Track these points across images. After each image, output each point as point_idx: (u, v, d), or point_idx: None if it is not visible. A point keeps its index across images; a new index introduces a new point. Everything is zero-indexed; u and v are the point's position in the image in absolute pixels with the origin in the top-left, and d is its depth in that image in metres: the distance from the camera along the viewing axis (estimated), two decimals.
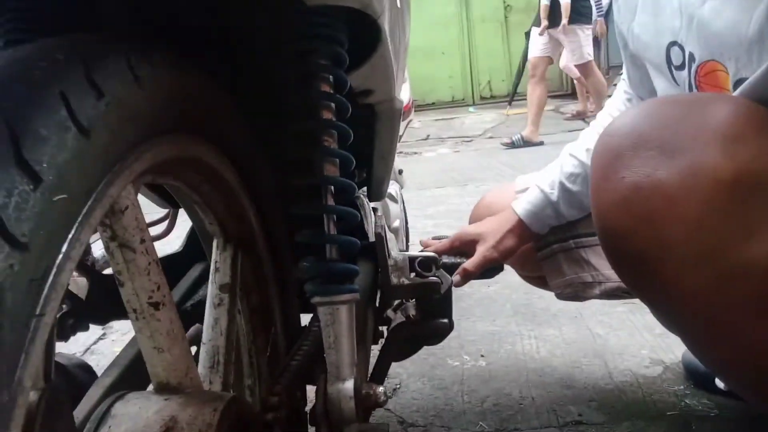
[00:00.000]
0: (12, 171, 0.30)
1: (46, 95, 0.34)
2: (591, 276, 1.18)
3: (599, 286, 1.18)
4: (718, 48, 0.79)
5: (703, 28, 0.80)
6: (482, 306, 2.02)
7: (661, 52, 0.91)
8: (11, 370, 0.29)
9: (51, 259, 0.32)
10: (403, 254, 0.79)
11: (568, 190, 1.15)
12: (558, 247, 1.21)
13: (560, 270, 1.21)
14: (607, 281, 1.17)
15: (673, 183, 0.62)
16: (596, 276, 1.18)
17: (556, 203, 1.15)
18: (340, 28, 0.60)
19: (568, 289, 1.21)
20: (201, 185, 0.67)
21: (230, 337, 0.72)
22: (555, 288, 1.22)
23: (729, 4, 0.76)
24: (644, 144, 0.65)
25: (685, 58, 0.86)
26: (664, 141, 0.64)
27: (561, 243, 1.21)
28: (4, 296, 0.28)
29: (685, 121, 0.65)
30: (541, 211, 1.16)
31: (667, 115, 0.67)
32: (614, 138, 0.68)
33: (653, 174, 0.63)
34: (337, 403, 0.58)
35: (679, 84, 0.90)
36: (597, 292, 1.19)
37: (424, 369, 1.62)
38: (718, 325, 0.68)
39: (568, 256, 1.20)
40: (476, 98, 9.00)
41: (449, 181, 4.41)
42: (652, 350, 1.61)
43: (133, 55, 0.43)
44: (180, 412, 0.55)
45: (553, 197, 1.15)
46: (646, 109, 0.70)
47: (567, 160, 1.17)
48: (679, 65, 0.88)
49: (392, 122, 0.81)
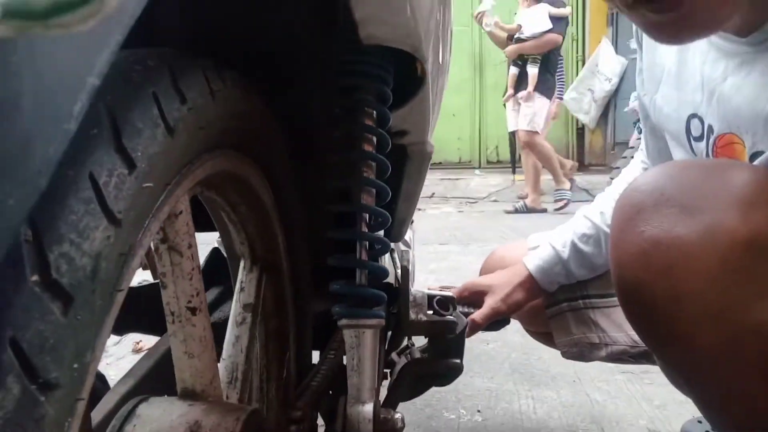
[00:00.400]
0: (113, 154, 0.33)
1: (141, 94, 0.37)
2: (598, 337, 1.20)
3: (605, 348, 1.20)
4: (735, 121, 0.83)
5: (723, 102, 0.85)
6: (480, 362, 2.01)
7: (682, 124, 0.96)
8: (94, 337, 0.32)
9: (135, 239, 0.35)
10: (423, 291, 0.81)
11: (579, 251, 1.17)
12: (567, 306, 1.23)
13: (568, 329, 1.22)
14: (613, 344, 1.19)
15: (692, 239, 0.65)
16: (603, 338, 1.20)
17: (567, 261, 1.18)
18: (388, 68, 0.64)
19: (574, 348, 1.22)
20: (239, 205, 0.70)
21: (249, 356, 0.74)
22: (561, 346, 1.23)
23: (748, 81, 0.81)
24: (666, 201, 0.68)
25: (704, 130, 0.91)
26: (685, 200, 0.67)
27: (570, 302, 1.23)
28: (99, 264, 0.30)
29: (706, 184, 0.69)
30: (551, 268, 1.19)
31: (689, 176, 0.71)
32: (636, 193, 0.71)
33: (672, 230, 0.66)
34: (356, 425, 0.59)
35: (696, 154, 0.95)
36: (603, 354, 1.21)
37: (420, 419, 1.61)
38: (732, 386, 0.69)
39: (577, 315, 1.22)
40: (483, 161, 9.13)
41: (452, 239, 4.44)
42: (650, 421, 1.60)
43: (208, 71, 0.47)
44: (204, 418, 0.56)
45: (564, 255, 1.18)
46: (669, 169, 0.74)
47: (580, 221, 1.21)
48: (698, 136, 0.93)
49: (421, 165, 0.85)
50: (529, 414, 1.65)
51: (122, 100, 0.35)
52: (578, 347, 1.22)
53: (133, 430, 0.55)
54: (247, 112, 0.56)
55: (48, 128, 0.22)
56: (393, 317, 0.90)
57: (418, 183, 0.91)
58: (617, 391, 1.77)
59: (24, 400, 0.27)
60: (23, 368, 0.27)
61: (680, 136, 0.98)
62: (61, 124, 0.23)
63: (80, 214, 0.30)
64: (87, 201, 0.30)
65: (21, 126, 0.20)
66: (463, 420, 1.62)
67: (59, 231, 0.28)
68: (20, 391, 0.27)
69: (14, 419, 0.27)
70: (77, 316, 0.30)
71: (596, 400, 1.72)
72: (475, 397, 1.75)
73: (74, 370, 0.31)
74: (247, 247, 0.77)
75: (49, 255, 0.28)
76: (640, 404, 1.69)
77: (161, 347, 0.87)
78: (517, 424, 1.59)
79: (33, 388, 0.28)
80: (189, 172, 0.45)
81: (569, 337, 1.22)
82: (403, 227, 1.00)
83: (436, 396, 1.73)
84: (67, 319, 0.29)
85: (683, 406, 1.65)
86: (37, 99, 0.21)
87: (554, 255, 1.19)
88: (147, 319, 1.00)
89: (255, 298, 0.77)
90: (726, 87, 0.84)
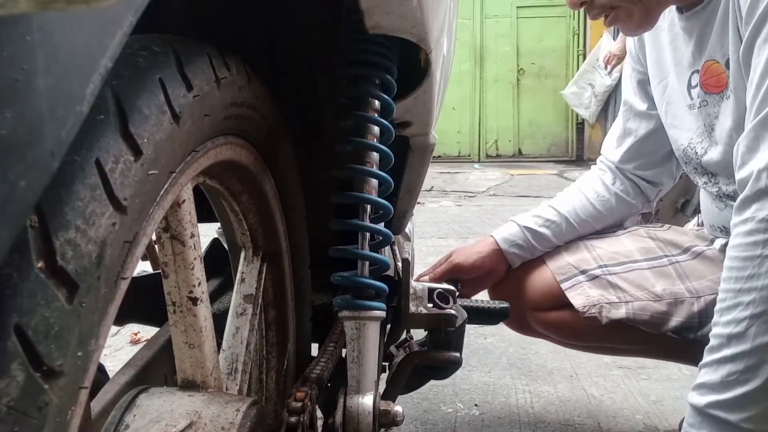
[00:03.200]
0: (119, 140, 0.32)
1: (147, 80, 0.37)
2: (617, 297, 1.25)
3: (625, 305, 1.24)
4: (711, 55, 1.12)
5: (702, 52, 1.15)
6: (478, 356, 2.02)
7: (684, 85, 1.21)
8: (97, 325, 0.31)
9: (140, 227, 0.34)
10: (423, 284, 0.81)
11: (539, 233, 1.37)
12: (584, 277, 1.28)
13: (585, 293, 1.26)
14: (634, 300, 1.24)
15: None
16: (623, 297, 1.25)
17: (528, 238, 1.37)
18: (392, 57, 0.64)
19: (593, 308, 1.24)
20: (241, 194, 0.69)
21: (249, 347, 0.73)
22: (580, 308, 1.25)
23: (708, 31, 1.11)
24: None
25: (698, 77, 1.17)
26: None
27: (586, 273, 1.29)
28: (105, 251, 0.30)
29: None
30: (514, 239, 1.38)
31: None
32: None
33: None
34: (356, 417, 0.59)
35: (693, 98, 1.18)
36: (623, 312, 1.23)
37: (417, 413, 1.62)
38: None
39: (594, 282, 1.27)
40: (482, 155, 9.12)
41: (451, 232, 4.44)
42: (647, 416, 1.61)
43: (214, 58, 0.46)
44: (204, 408, 0.56)
45: (527, 232, 1.37)
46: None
47: (546, 210, 1.41)
48: (695, 85, 1.17)
49: (424, 157, 0.84)
50: (526, 408, 1.65)
51: (129, 85, 0.35)
52: (597, 306, 1.25)
53: (134, 421, 0.54)
54: (251, 101, 0.55)
55: (61, 110, 0.21)
56: (392, 310, 0.90)
57: (420, 175, 0.90)
58: (614, 387, 1.77)
59: (28, 387, 0.27)
60: (27, 355, 0.27)
61: (680, 99, 1.22)
62: (73, 106, 0.22)
63: (86, 201, 0.29)
64: (93, 187, 0.30)
65: (34, 107, 0.20)
66: (460, 414, 1.62)
67: (65, 217, 0.28)
68: (24, 378, 0.27)
69: (18, 406, 0.26)
70: (82, 303, 0.29)
71: (593, 395, 1.72)
72: (472, 391, 1.75)
73: (78, 358, 0.30)
74: (249, 238, 0.77)
75: (54, 241, 0.27)
76: (636, 399, 1.69)
77: (161, 338, 0.86)
78: (514, 418, 1.59)
79: (37, 375, 0.27)
80: (193, 160, 0.45)
81: (588, 299, 1.25)
82: (404, 219, 1.00)
83: (434, 390, 1.73)
84: (72, 306, 0.29)
85: (679, 401, 1.66)
86: (50, 80, 0.20)
87: (518, 230, 1.38)
88: (146, 309, 0.99)
89: (255, 289, 0.76)
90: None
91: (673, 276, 1.27)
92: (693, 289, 1.25)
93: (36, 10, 0.17)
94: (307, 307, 0.91)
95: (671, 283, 1.26)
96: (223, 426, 0.55)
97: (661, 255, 1.31)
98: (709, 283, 1.24)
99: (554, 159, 8.78)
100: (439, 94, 0.78)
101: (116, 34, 0.24)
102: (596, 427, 1.54)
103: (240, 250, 0.78)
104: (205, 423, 0.55)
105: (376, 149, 0.64)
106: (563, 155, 8.82)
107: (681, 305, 1.24)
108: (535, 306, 1.35)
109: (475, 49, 8.92)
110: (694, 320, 1.24)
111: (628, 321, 1.24)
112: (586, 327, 1.27)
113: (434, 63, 0.65)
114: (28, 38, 0.19)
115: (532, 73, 8.85)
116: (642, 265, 1.29)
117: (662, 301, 1.24)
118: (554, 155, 8.87)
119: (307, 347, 0.93)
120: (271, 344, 0.85)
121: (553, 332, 1.38)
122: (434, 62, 0.65)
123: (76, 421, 0.32)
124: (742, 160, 0.94)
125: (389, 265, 0.63)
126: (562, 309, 1.29)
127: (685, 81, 1.21)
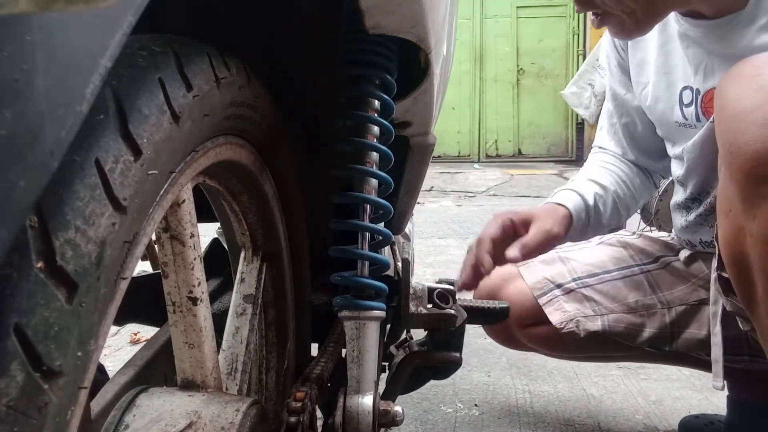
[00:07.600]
0: (119, 140, 0.32)
1: (147, 80, 0.37)
2: (592, 310, 1.27)
3: (601, 318, 1.26)
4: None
5: (707, 71, 1.09)
6: (478, 356, 2.02)
7: (674, 98, 1.16)
8: (97, 325, 0.31)
9: (139, 227, 0.34)
10: (422, 284, 0.81)
11: (596, 206, 1.30)
12: (559, 291, 1.30)
13: (562, 308, 1.28)
14: (608, 313, 1.26)
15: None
16: (598, 309, 1.27)
17: (590, 210, 1.28)
18: (392, 57, 0.64)
19: (570, 324, 1.26)
20: (241, 194, 0.69)
21: (249, 347, 0.73)
22: (557, 324, 1.27)
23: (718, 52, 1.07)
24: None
25: (693, 95, 1.12)
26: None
27: (561, 287, 1.30)
28: (104, 251, 0.30)
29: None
30: (579, 213, 1.27)
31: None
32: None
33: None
34: (355, 417, 0.59)
35: (687, 118, 1.14)
36: (599, 324, 1.26)
37: (417, 413, 1.61)
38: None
39: (570, 296, 1.29)
40: (482, 155, 9.12)
41: (450, 232, 4.44)
42: (647, 416, 1.60)
43: (214, 58, 0.46)
44: (203, 408, 0.56)
45: (589, 203, 1.28)
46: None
47: (588, 185, 1.32)
48: (689, 103, 1.13)
49: (424, 156, 0.84)
50: (526, 408, 1.65)
51: (129, 85, 0.35)
52: (574, 321, 1.27)
53: (133, 421, 0.54)
54: (251, 100, 0.55)
55: (60, 110, 0.21)
56: (392, 310, 0.89)
57: (420, 175, 0.90)
58: (614, 387, 1.77)
59: (27, 387, 0.27)
60: (27, 355, 0.27)
61: (669, 112, 1.18)
62: (73, 106, 0.22)
63: (86, 201, 0.29)
64: (93, 187, 0.30)
65: (34, 107, 0.20)
66: (460, 414, 1.62)
67: (65, 217, 0.28)
68: (24, 378, 0.27)
69: (17, 406, 0.26)
70: (81, 303, 0.29)
71: (593, 395, 1.72)
72: (472, 391, 1.75)
73: (78, 358, 0.30)
74: (248, 238, 0.77)
75: (54, 241, 0.27)
76: (636, 399, 1.69)
77: (160, 338, 0.86)
78: (514, 418, 1.59)
79: (37, 375, 0.27)
80: (193, 160, 0.45)
81: (564, 314, 1.27)
82: (404, 219, 1.00)
83: (433, 390, 1.73)
84: (72, 306, 0.29)
85: (678, 401, 1.66)
86: (50, 80, 0.20)
87: (581, 202, 1.28)
88: (146, 309, 0.99)
89: (255, 289, 0.76)
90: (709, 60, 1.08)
91: (645, 286, 1.30)
92: (664, 300, 1.28)
93: (36, 10, 0.17)
94: (307, 307, 0.91)
95: (643, 294, 1.29)
96: (222, 426, 0.55)
97: (632, 264, 1.33)
98: (680, 294, 1.27)
99: (554, 159, 8.79)
100: (439, 94, 0.78)
101: (116, 34, 0.24)
102: (596, 427, 1.54)
103: (240, 250, 0.78)
104: (205, 423, 0.55)
105: (376, 149, 0.64)
106: (563, 155, 8.83)
107: (653, 316, 1.27)
108: (519, 323, 1.36)
109: (474, 49, 8.92)
110: (666, 331, 1.27)
111: (605, 333, 1.27)
112: (569, 340, 1.29)
113: (434, 63, 0.65)
114: (28, 38, 0.19)
115: (532, 73, 8.85)
116: (615, 275, 1.31)
117: (636, 313, 1.27)
118: (554, 155, 8.88)
119: (307, 347, 0.93)
120: (271, 344, 0.85)
121: (540, 346, 1.40)
122: (434, 62, 0.65)
123: (76, 421, 0.32)
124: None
125: (389, 265, 0.63)
126: (546, 323, 1.30)
127: (675, 94, 1.16)
